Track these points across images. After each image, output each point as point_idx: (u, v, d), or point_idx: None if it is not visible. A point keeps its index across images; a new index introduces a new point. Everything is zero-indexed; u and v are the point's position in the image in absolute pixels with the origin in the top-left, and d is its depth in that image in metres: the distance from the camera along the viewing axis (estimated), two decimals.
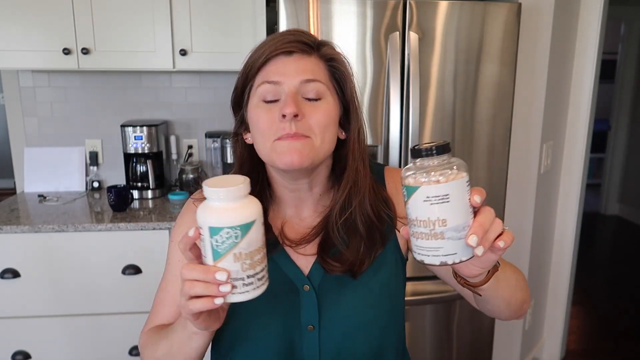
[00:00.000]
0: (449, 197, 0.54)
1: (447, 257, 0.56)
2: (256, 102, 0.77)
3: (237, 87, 0.81)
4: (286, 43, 0.75)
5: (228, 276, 0.57)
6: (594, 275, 3.77)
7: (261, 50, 0.76)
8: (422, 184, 0.55)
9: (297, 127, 0.73)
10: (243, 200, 0.58)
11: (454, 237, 0.55)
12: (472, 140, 1.85)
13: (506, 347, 2.31)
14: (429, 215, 0.55)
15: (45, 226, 1.81)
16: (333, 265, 0.79)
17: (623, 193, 5.18)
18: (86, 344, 1.92)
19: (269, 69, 0.76)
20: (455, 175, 0.55)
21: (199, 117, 2.42)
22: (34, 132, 2.34)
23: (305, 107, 0.74)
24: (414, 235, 0.57)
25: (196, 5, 2.01)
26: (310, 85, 0.75)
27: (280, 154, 0.74)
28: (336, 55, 0.79)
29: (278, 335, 0.80)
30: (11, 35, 1.96)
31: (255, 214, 0.58)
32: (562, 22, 2.12)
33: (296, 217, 0.85)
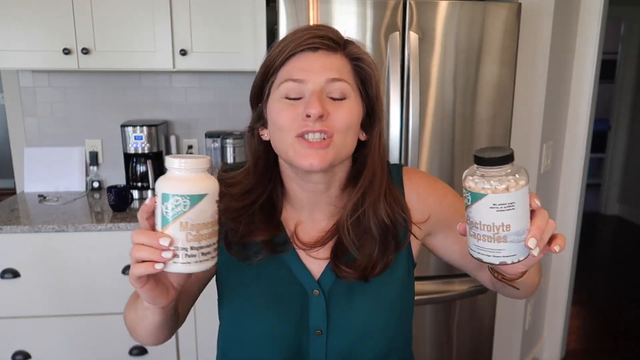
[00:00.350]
0: (514, 205, 0.57)
1: (507, 257, 0.60)
2: (278, 98, 0.74)
3: (257, 81, 0.78)
4: (312, 38, 0.72)
5: (171, 243, 0.59)
6: (594, 275, 3.77)
7: (284, 43, 0.74)
8: (489, 192, 0.57)
9: (321, 125, 0.71)
10: (198, 174, 0.60)
11: (515, 240, 0.59)
12: (472, 140, 1.85)
13: (506, 347, 2.31)
14: (493, 221, 0.58)
15: (45, 226, 1.81)
16: (346, 272, 0.78)
17: (623, 193, 5.18)
18: (86, 344, 1.92)
19: (293, 64, 0.73)
20: (520, 184, 0.57)
21: (199, 117, 2.42)
22: (34, 132, 2.34)
23: (329, 106, 0.72)
24: (475, 237, 0.60)
25: (196, 5, 2.01)
26: (336, 85, 0.73)
27: (300, 156, 0.72)
28: (362, 54, 0.77)
29: (285, 338, 0.80)
30: (11, 35, 1.96)
31: (208, 189, 0.60)
32: (562, 22, 2.12)
33: (310, 219, 0.83)
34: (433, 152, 1.84)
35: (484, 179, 0.58)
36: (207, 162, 0.61)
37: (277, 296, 0.81)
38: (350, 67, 0.76)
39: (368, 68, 0.77)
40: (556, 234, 0.62)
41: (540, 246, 0.59)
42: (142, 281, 0.62)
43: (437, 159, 1.85)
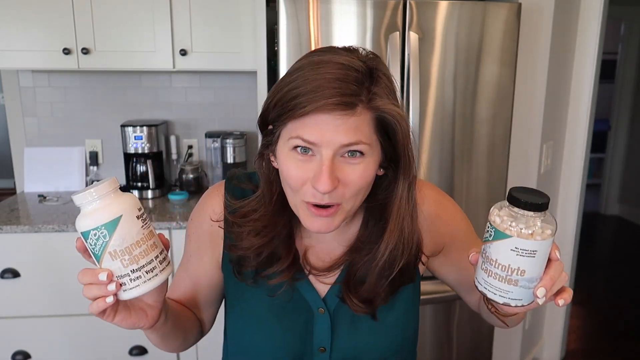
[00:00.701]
0: (535, 254, 0.56)
1: (512, 300, 0.59)
2: (287, 152, 0.68)
3: (268, 112, 0.70)
4: (330, 103, 0.63)
5: (109, 275, 0.59)
6: (594, 275, 3.77)
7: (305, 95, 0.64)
8: (515, 235, 0.56)
9: (330, 198, 0.67)
10: (105, 200, 0.58)
11: (525, 286, 0.58)
12: (472, 140, 1.85)
13: (506, 347, 2.31)
14: (510, 263, 0.57)
15: (45, 226, 1.81)
16: (358, 306, 0.77)
17: (623, 193, 5.18)
18: (86, 344, 1.92)
19: (306, 122, 0.65)
20: (547, 233, 0.56)
21: (199, 117, 2.42)
22: (34, 132, 2.34)
23: (342, 170, 0.67)
24: (486, 272, 0.60)
25: (196, 5, 2.01)
26: (351, 147, 0.66)
27: (307, 219, 0.70)
28: (389, 109, 0.67)
29: (288, 354, 0.80)
30: (11, 35, 1.96)
31: (120, 210, 0.58)
32: (562, 22, 2.12)
33: (319, 243, 0.81)
34: (433, 152, 1.84)
35: (512, 220, 0.57)
36: (109, 184, 0.59)
37: (282, 312, 0.80)
38: (372, 117, 0.67)
39: (395, 121, 0.68)
40: (565, 287, 0.61)
41: (547, 296, 0.59)
42: (107, 315, 0.62)
43: (437, 159, 1.85)
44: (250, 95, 2.39)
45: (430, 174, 1.85)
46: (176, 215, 1.97)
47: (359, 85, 0.65)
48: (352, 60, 0.66)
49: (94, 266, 0.62)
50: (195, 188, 2.31)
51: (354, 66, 0.65)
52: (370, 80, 0.66)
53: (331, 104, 0.63)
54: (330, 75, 0.64)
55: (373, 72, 0.67)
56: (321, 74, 0.65)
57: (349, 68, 0.65)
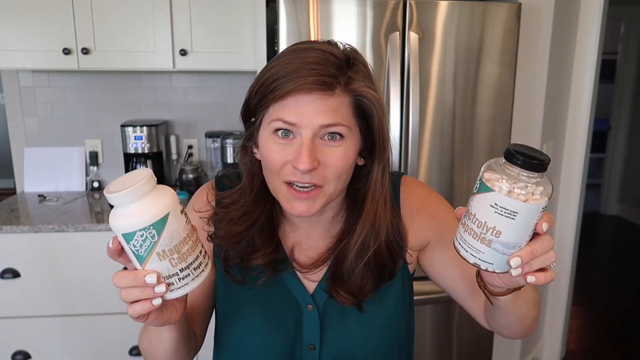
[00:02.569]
0: (515, 215, 0.51)
1: (482, 262, 0.55)
2: (267, 135, 0.70)
3: (251, 100, 0.72)
4: (308, 82, 0.65)
5: (159, 277, 0.55)
6: (594, 275, 3.77)
7: (281, 80, 0.66)
8: (496, 189, 0.52)
9: (311, 178, 0.68)
10: (149, 197, 0.53)
11: (499, 250, 0.54)
12: (472, 140, 1.85)
13: (506, 347, 2.31)
14: (486, 220, 0.53)
15: (45, 226, 1.81)
16: (344, 297, 0.77)
17: (623, 193, 5.18)
18: (86, 344, 1.92)
19: (286, 103, 0.67)
20: (535, 198, 0.51)
21: (199, 117, 2.42)
22: (34, 132, 2.34)
23: (322, 152, 0.68)
24: (464, 226, 0.56)
25: (196, 5, 2.01)
26: (330, 129, 0.68)
27: (287, 203, 0.71)
28: (364, 91, 0.70)
29: (278, 352, 0.80)
30: (11, 35, 1.96)
31: (167, 206, 0.54)
32: (562, 22, 2.12)
33: (306, 237, 0.82)
34: (433, 152, 1.84)
35: (500, 176, 0.52)
36: (149, 179, 0.53)
37: (271, 310, 0.80)
38: (350, 101, 0.70)
39: (370, 105, 0.71)
40: (547, 268, 0.56)
41: (525, 270, 0.54)
42: (144, 317, 0.60)
43: (437, 159, 1.85)
44: None
45: (430, 174, 1.86)
46: None
47: (337, 69, 0.68)
48: (332, 48, 0.70)
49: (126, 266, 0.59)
50: (195, 188, 2.31)
51: (333, 53, 0.69)
52: (348, 66, 0.69)
53: (310, 83, 0.65)
54: (310, 59, 0.67)
55: (350, 59, 0.70)
56: (301, 58, 0.67)
57: (328, 54, 0.68)
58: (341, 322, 0.80)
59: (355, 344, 0.79)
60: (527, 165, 0.51)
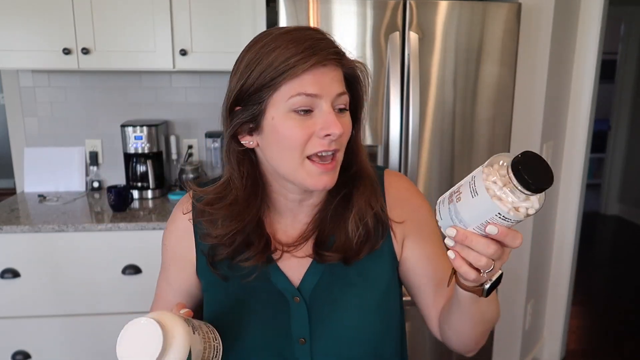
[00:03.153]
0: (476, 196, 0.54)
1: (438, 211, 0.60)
2: (285, 113, 0.70)
3: (247, 88, 0.72)
4: (328, 54, 0.70)
5: None
6: (594, 275, 3.77)
7: (301, 53, 0.68)
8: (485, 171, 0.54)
9: (336, 144, 0.71)
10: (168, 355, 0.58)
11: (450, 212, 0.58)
12: (472, 140, 1.85)
13: (506, 347, 2.31)
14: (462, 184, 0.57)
15: (45, 226, 1.81)
16: (327, 256, 0.78)
17: (623, 193, 5.18)
18: (86, 344, 1.92)
19: (304, 77, 0.69)
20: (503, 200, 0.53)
21: (199, 117, 2.42)
22: (34, 132, 2.34)
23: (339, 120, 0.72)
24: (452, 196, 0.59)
25: (196, 5, 2.01)
26: (342, 98, 0.72)
27: (312, 178, 0.72)
28: (356, 63, 0.76)
29: (269, 348, 0.79)
30: (11, 35, 1.96)
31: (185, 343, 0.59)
32: (562, 22, 2.12)
33: (292, 222, 0.83)
34: (433, 152, 1.84)
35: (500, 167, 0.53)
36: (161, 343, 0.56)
37: (258, 305, 0.80)
38: (342, 73, 0.75)
39: (362, 75, 0.77)
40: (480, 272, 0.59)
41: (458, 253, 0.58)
42: None
43: (437, 159, 1.85)
44: None
45: (430, 174, 1.86)
46: None
47: (332, 44, 0.72)
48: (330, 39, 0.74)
49: None
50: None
51: (321, 31, 0.74)
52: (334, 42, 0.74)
53: (329, 54, 0.70)
54: (314, 35, 0.71)
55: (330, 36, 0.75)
56: (305, 36, 0.70)
57: (319, 32, 0.73)
58: (330, 313, 0.79)
59: (347, 335, 0.79)
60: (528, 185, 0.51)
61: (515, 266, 2.22)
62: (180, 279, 0.86)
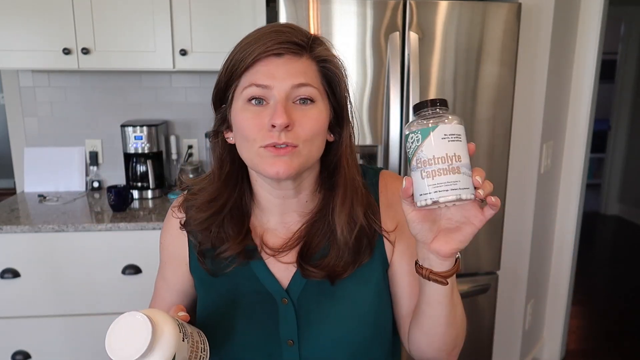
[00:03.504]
0: (460, 137, 0.59)
1: (462, 190, 0.59)
2: (242, 105, 0.72)
3: (220, 82, 0.75)
4: (277, 44, 0.69)
5: None
6: (594, 275, 3.77)
7: (250, 48, 0.70)
8: (440, 126, 0.59)
9: (287, 137, 0.69)
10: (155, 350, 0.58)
11: (466, 173, 0.59)
12: (472, 140, 1.85)
13: (506, 347, 2.31)
14: (447, 152, 0.58)
15: (45, 226, 1.81)
16: (310, 271, 0.76)
17: (623, 193, 5.18)
18: (86, 344, 1.92)
19: (258, 69, 0.70)
20: (458, 119, 0.60)
21: (199, 117, 2.42)
22: (34, 132, 2.34)
23: (295, 113, 0.70)
24: (429, 175, 0.59)
25: (196, 5, 2.01)
26: (301, 90, 0.70)
27: (266, 164, 0.70)
28: (329, 56, 0.74)
29: (257, 349, 0.79)
30: (11, 35, 1.96)
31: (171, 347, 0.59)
32: (562, 22, 2.12)
33: (280, 223, 0.81)
34: None
35: (428, 119, 0.60)
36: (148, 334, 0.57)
37: (246, 306, 0.80)
38: (317, 68, 0.73)
39: (335, 69, 0.74)
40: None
41: (486, 189, 0.59)
42: None
43: None
44: None
45: None
46: None
47: (303, 37, 0.72)
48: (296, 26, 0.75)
49: None
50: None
51: (296, 28, 0.74)
52: (311, 38, 0.74)
53: (279, 43, 0.69)
54: (275, 29, 0.72)
55: (315, 38, 0.75)
56: (266, 29, 0.72)
57: (293, 26, 0.73)
58: (318, 315, 0.78)
59: (335, 338, 0.78)
60: (440, 102, 0.60)
61: (515, 266, 2.22)
62: (175, 277, 0.87)
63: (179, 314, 0.69)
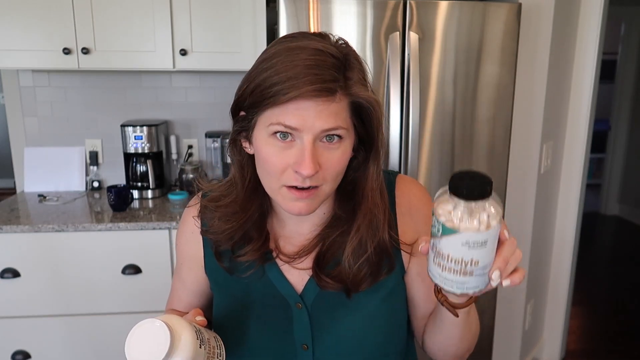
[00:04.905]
0: (486, 243, 0.55)
1: (470, 289, 0.58)
2: (266, 138, 0.69)
3: (245, 98, 0.71)
4: (313, 88, 0.64)
5: None
6: (594, 275, 3.77)
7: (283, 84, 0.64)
8: (463, 230, 0.54)
9: (311, 181, 0.68)
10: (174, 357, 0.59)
11: (480, 274, 0.57)
12: (472, 140, 1.85)
13: (506, 347, 2.31)
14: (463, 256, 0.55)
15: (45, 226, 1.81)
16: (326, 282, 0.76)
17: (623, 193, 5.18)
18: (86, 344, 1.92)
19: (288, 108, 0.66)
20: (496, 220, 0.54)
21: (199, 117, 2.42)
22: (34, 132, 2.34)
23: (321, 154, 0.68)
24: (440, 266, 0.57)
25: (196, 5, 2.01)
26: (331, 132, 0.67)
27: (287, 204, 0.71)
28: (362, 95, 0.69)
29: (271, 352, 0.79)
30: (11, 35, 1.96)
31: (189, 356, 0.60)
32: (562, 22, 2.12)
33: (296, 233, 0.81)
34: (433, 152, 1.84)
35: (458, 212, 0.54)
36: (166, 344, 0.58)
37: (261, 310, 0.80)
38: (348, 102, 0.69)
39: (370, 106, 0.70)
40: (518, 268, 0.59)
41: (503, 277, 0.57)
42: None
43: (437, 159, 1.85)
44: None
45: (430, 174, 1.86)
46: (176, 215, 1.97)
47: (336, 70, 0.67)
48: (327, 46, 0.68)
49: None
50: (195, 188, 2.30)
51: (330, 52, 0.67)
52: (345, 66, 0.68)
53: (313, 90, 0.64)
54: (308, 61, 0.65)
55: (347, 57, 0.69)
56: (299, 60, 0.65)
57: (325, 54, 0.67)
58: (332, 320, 0.78)
59: (349, 343, 0.78)
60: (479, 195, 0.53)
61: None
62: (191, 278, 0.88)
63: (197, 319, 0.69)
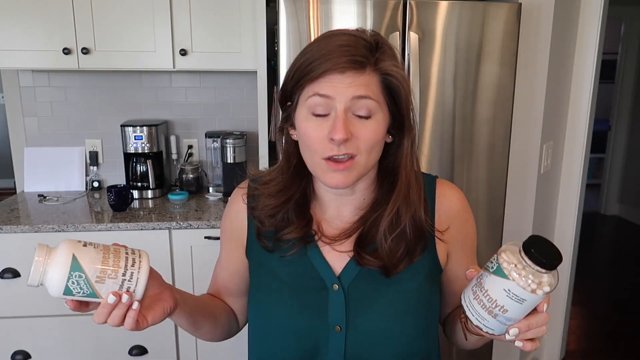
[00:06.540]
0: (524, 302, 0.60)
1: (485, 327, 0.63)
2: (305, 114, 0.76)
3: (287, 84, 0.78)
4: (341, 63, 0.72)
5: (115, 293, 0.65)
6: (594, 275, 3.77)
7: (316, 63, 0.73)
8: (511, 279, 0.59)
9: (346, 148, 0.73)
10: (51, 260, 0.63)
11: (502, 322, 0.62)
12: (472, 140, 1.85)
13: (506, 348, 2.31)
14: (497, 298, 0.61)
15: (45, 226, 1.81)
16: (367, 259, 0.79)
17: (623, 193, 5.18)
18: (86, 344, 1.92)
19: (321, 81, 0.73)
20: (544, 291, 0.59)
21: (199, 117, 2.42)
22: (34, 132, 2.34)
23: (355, 125, 0.73)
24: (474, 294, 0.63)
25: (196, 5, 2.01)
26: (361, 102, 0.73)
27: (326, 176, 0.76)
28: (392, 70, 0.76)
29: (305, 332, 0.81)
30: (11, 35, 1.96)
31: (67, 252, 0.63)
32: (562, 22, 2.12)
33: (336, 216, 0.85)
34: (433, 152, 1.84)
35: (518, 264, 0.59)
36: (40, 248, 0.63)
37: (298, 290, 0.82)
38: (379, 80, 0.75)
39: (398, 83, 0.76)
40: (536, 340, 0.65)
41: (519, 337, 0.63)
42: (142, 323, 0.69)
43: (437, 159, 1.85)
44: (250, 95, 2.39)
45: None
46: (176, 215, 1.97)
47: (367, 51, 0.74)
48: (361, 33, 0.76)
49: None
50: (195, 188, 2.31)
51: (363, 37, 0.75)
52: (377, 49, 0.75)
53: (343, 63, 0.71)
54: (342, 42, 0.73)
55: (379, 43, 0.76)
56: (334, 41, 0.74)
57: (359, 38, 0.75)
58: (368, 303, 0.80)
59: (382, 329, 0.80)
60: (541, 264, 0.58)
61: None
62: (231, 258, 0.92)
63: None
